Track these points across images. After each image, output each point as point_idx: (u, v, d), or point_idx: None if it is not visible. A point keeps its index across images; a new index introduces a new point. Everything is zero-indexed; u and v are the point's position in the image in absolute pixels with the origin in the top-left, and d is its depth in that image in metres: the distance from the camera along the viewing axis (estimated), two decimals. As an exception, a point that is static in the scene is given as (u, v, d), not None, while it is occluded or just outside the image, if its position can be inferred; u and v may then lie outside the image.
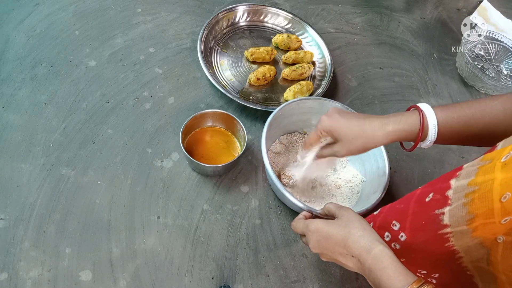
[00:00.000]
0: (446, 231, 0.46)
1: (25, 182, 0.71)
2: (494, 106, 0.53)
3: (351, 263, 0.51)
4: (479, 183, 0.43)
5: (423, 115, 0.55)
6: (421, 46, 1.16)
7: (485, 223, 0.41)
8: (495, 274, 0.44)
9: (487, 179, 0.42)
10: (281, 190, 0.66)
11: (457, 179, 0.46)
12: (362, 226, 0.51)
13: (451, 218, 0.45)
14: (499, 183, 0.40)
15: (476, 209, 0.42)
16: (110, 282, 0.65)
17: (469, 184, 0.44)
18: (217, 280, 0.68)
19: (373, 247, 0.48)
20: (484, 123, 0.54)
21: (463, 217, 0.43)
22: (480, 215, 0.42)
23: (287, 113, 0.77)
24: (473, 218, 0.42)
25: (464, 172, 0.46)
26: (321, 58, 1.00)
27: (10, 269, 0.63)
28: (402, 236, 0.52)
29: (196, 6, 1.07)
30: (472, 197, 0.43)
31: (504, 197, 0.39)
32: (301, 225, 0.58)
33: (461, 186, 0.45)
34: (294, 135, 0.85)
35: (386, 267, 0.46)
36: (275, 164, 0.79)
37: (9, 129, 0.77)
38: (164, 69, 0.92)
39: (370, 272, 0.47)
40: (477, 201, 0.42)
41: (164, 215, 0.72)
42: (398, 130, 0.56)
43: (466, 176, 0.45)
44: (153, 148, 0.80)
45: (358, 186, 0.79)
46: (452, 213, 0.45)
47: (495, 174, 0.41)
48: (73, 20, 0.96)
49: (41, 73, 0.85)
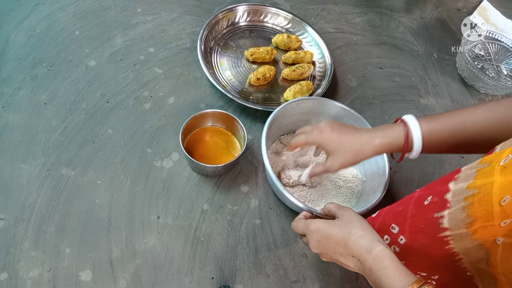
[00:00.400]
0: (446, 234, 0.46)
1: (25, 182, 0.71)
2: (476, 116, 0.54)
3: (351, 263, 0.51)
4: (478, 186, 0.43)
5: (408, 128, 0.57)
6: (421, 46, 1.16)
7: (484, 226, 0.41)
8: (495, 275, 0.44)
9: (486, 182, 0.42)
10: (281, 190, 0.66)
11: (455, 182, 0.46)
12: (362, 226, 0.51)
13: (451, 221, 0.45)
14: (499, 186, 0.40)
15: (475, 212, 0.42)
16: (110, 282, 0.65)
17: (468, 188, 0.44)
18: (217, 280, 0.68)
19: (374, 247, 0.48)
20: (467, 133, 0.55)
21: (462, 220, 0.44)
22: (480, 218, 0.42)
23: (287, 113, 0.78)
24: (472, 221, 0.43)
25: (463, 175, 0.46)
26: (321, 58, 1.00)
27: (10, 269, 0.63)
28: (401, 239, 0.52)
29: (196, 6, 1.07)
30: (471, 200, 0.43)
31: (503, 201, 0.39)
32: (301, 225, 0.58)
33: (460, 189, 0.45)
34: (294, 135, 0.85)
35: (387, 267, 0.46)
36: (275, 164, 0.79)
37: (9, 129, 0.77)
38: (164, 69, 0.92)
39: (370, 272, 0.47)
40: (476, 204, 0.42)
41: (164, 215, 0.72)
42: (385, 144, 0.58)
43: (465, 179, 0.45)
44: (153, 148, 0.80)
45: (358, 186, 0.79)
46: (452, 217, 0.45)
47: (494, 177, 0.41)
48: (73, 20, 0.96)
49: (41, 73, 0.85)
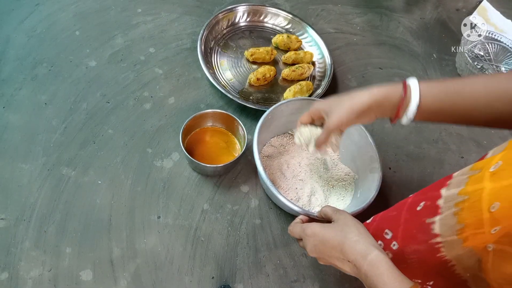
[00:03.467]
0: (437, 240, 0.46)
1: (25, 182, 0.72)
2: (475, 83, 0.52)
3: (347, 267, 0.51)
4: (469, 192, 0.42)
5: (407, 83, 0.55)
6: (421, 46, 1.16)
7: (475, 233, 0.41)
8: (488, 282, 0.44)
9: (476, 188, 0.42)
10: (276, 194, 0.66)
11: (447, 188, 0.46)
12: (358, 230, 0.51)
13: (442, 227, 0.45)
14: (488, 192, 0.40)
15: (465, 218, 0.42)
16: (111, 282, 0.65)
17: (459, 194, 0.44)
18: (217, 280, 0.68)
19: (369, 252, 0.47)
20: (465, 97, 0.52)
21: (453, 226, 0.43)
22: (470, 225, 0.42)
23: (276, 116, 0.77)
24: (463, 228, 0.42)
25: (455, 181, 0.46)
26: (321, 59, 1.00)
27: (10, 269, 0.63)
28: (394, 245, 0.52)
29: (196, 6, 1.07)
30: (461, 206, 0.43)
31: (492, 207, 0.39)
32: (298, 229, 0.58)
33: (452, 195, 0.45)
34: (284, 137, 0.84)
35: (382, 273, 0.45)
36: (268, 168, 0.79)
37: (9, 129, 0.77)
38: (164, 69, 0.92)
39: (366, 277, 0.47)
40: (466, 210, 0.42)
41: (165, 215, 0.72)
42: (382, 92, 0.56)
43: (456, 185, 0.45)
44: (153, 148, 0.80)
45: (351, 184, 0.79)
46: (443, 222, 0.45)
47: (484, 183, 0.41)
48: (74, 21, 0.96)
49: (41, 73, 0.85)
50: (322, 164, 0.82)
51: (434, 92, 0.54)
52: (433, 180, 0.89)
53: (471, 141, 0.98)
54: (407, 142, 0.94)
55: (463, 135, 0.99)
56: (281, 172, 0.78)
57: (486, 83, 0.52)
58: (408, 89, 0.54)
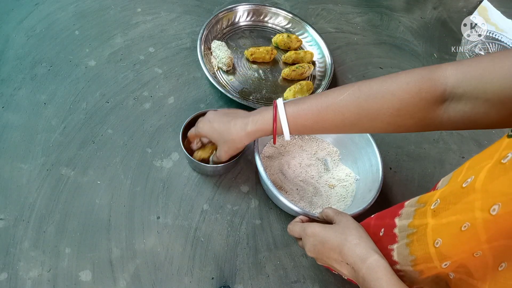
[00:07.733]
0: (397, 268, 0.47)
1: (24, 182, 0.71)
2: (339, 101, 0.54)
3: (345, 270, 0.50)
4: (416, 226, 0.44)
5: (276, 112, 0.57)
6: (421, 46, 1.16)
7: (429, 267, 0.42)
8: None
9: (422, 223, 0.43)
10: (277, 195, 0.66)
11: (399, 218, 0.47)
12: (359, 234, 0.51)
13: (399, 255, 0.46)
14: (431, 228, 0.41)
15: (416, 251, 0.43)
16: (110, 282, 0.64)
17: (409, 226, 0.45)
18: (217, 280, 0.68)
19: (368, 256, 0.47)
20: (329, 117, 0.55)
21: (406, 257, 0.45)
22: (420, 258, 0.43)
23: None
24: (415, 259, 0.43)
25: (405, 212, 0.47)
26: (321, 58, 1.00)
27: (9, 269, 0.63)
28: None
29: (196, 6, 1.06)
30: (411, 239, 0.44)
31: (436, 243, 0.40)
32: (298, 228, 0.58)
33: (403, 226, 0.46)
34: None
35: (380, 278, 0.45)
36: (269, 168, 0.78)
37: (8, 129, 0.77)
38: (164, 69, 0.92)
39: (363, 281, 0.47)
40: (416, 243, 0.43)
41: (164, 215, 0.72)
42: (256, 130, 0.60)
43: (406, 216, 0.46)
44: (153, 148, 0.80)
45: (352, 185, 0.79)
46: (399, 251, 0.46)
47: (427, 219, 0.42)
48: (73, 20, 0.95)
49: (40, 73, 0.85)
50: (323, 164, 0.81)
51: (301, 119, 0.57)
52: (433, 180, 0.89)
53: (472, 141, 0.98)
54: (408, 142, 0.94)
55: (464, 135, 0.99)
56: (281, 172, 0.78)
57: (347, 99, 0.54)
58: (278, 122, 0.58)
